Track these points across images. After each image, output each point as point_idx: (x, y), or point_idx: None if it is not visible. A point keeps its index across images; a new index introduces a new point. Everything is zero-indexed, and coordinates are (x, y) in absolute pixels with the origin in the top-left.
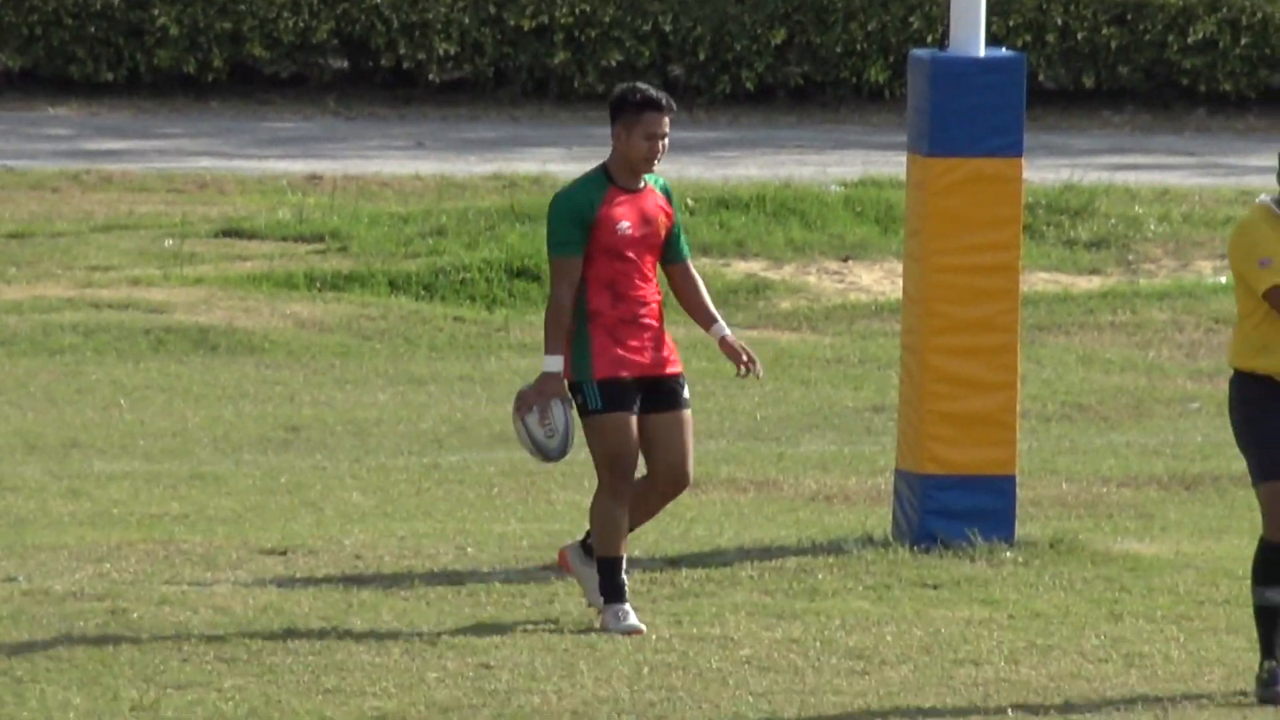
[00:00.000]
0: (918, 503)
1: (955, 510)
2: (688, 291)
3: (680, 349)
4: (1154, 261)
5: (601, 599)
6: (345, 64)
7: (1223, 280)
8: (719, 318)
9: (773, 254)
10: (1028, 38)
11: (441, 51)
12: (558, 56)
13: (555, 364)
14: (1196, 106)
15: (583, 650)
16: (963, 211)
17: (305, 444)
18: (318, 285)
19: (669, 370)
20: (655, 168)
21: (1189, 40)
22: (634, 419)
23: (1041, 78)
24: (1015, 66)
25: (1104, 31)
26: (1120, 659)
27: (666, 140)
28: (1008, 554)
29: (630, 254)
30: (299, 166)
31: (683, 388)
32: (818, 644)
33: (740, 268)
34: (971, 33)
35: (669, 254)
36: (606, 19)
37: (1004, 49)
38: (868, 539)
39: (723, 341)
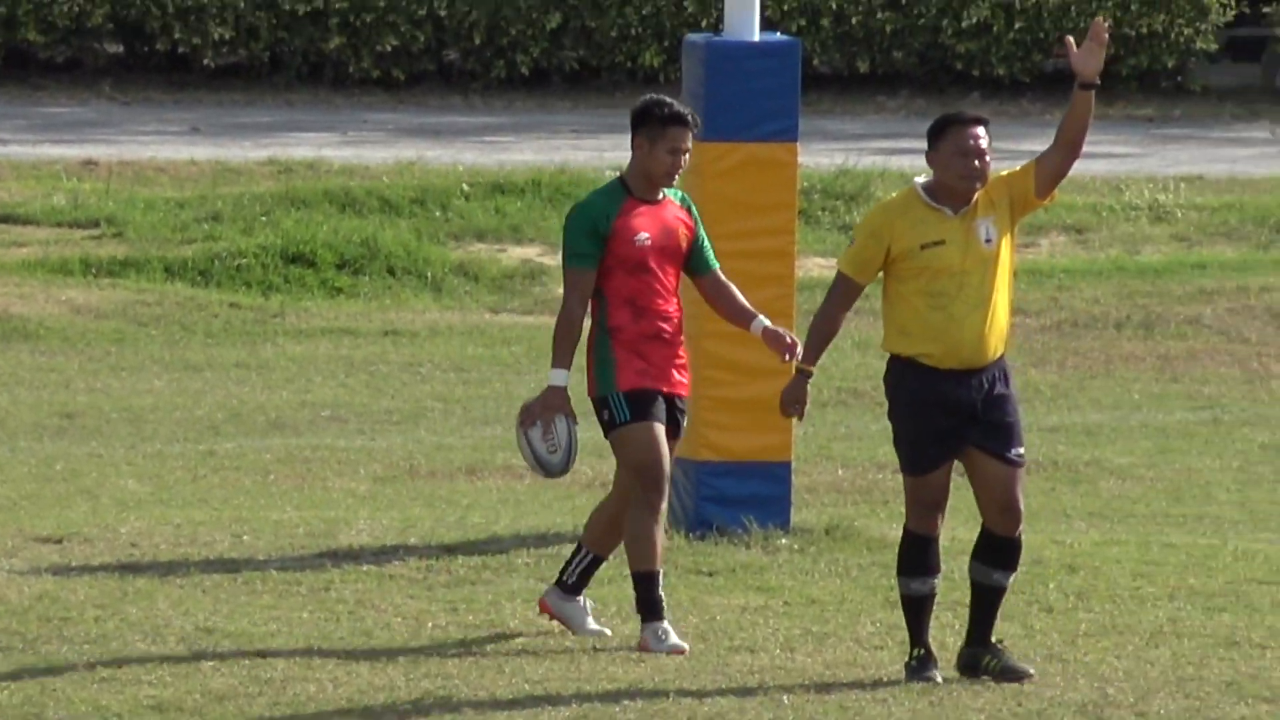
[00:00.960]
0: (693, 490)
1: (731, 497)
2: (723, 300)
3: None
4: None
5: (641, 617)
6: (120, 48)
7: None
8: (756, 313)
9: (549, 239)
10: (802, 22)
11: (216, 36)
12: (332, 41)
13: (561, 378)
14: (971, 91)
15: (359, 638)
16: (738, 196)
17: (80, 431)
18: (93, 271)
19: (680, 392)
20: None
21: (963, 25)
22: (662, 428)
23: (816, 62)
24: (790, 51)
25: (878, 16)
26: (896, 646)
27: (688, 156)
28: (783, 541)
29: (651, 265)
30: (74, 152)
31: (685, 414)
32: None
33: (516, 253)
34: (746, 17)
35: (696, 266)
36: (382, 3)
37: (779, 34)
38: None
39: (765, 331)
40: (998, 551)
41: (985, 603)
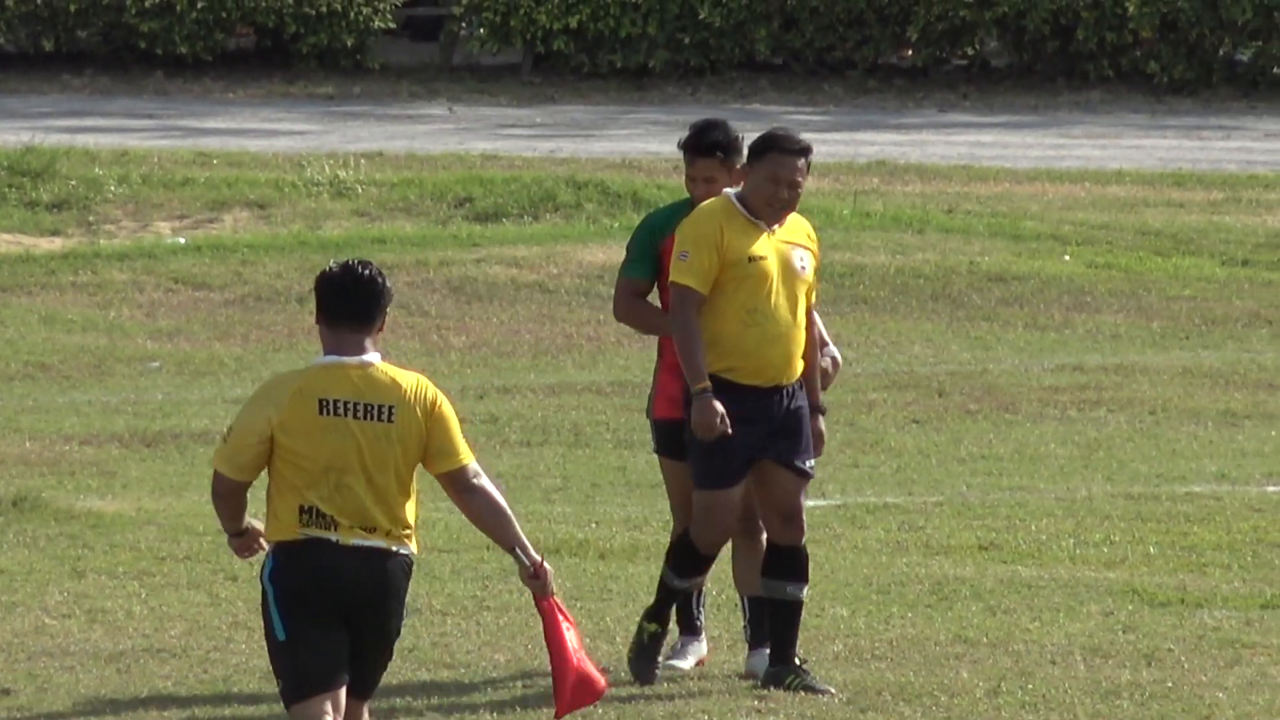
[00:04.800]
0: None
1: None
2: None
3: None
4: (114, 222)
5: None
6: None
7: (182, 241)
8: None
9: None
10: None
11: None
12: None
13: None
14: (155, 69)
15: None
16: None
17: None
18: None
19: None
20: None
21: (146, 4)
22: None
23: (2, 41)
24: None
25: None
26: (83, 615)
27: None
28: None
29: None
30: None
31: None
32: None
33: None
34: None
35: None
36: None
37: None
38: None
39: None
40: (786, 562)
41: (782, 619)
